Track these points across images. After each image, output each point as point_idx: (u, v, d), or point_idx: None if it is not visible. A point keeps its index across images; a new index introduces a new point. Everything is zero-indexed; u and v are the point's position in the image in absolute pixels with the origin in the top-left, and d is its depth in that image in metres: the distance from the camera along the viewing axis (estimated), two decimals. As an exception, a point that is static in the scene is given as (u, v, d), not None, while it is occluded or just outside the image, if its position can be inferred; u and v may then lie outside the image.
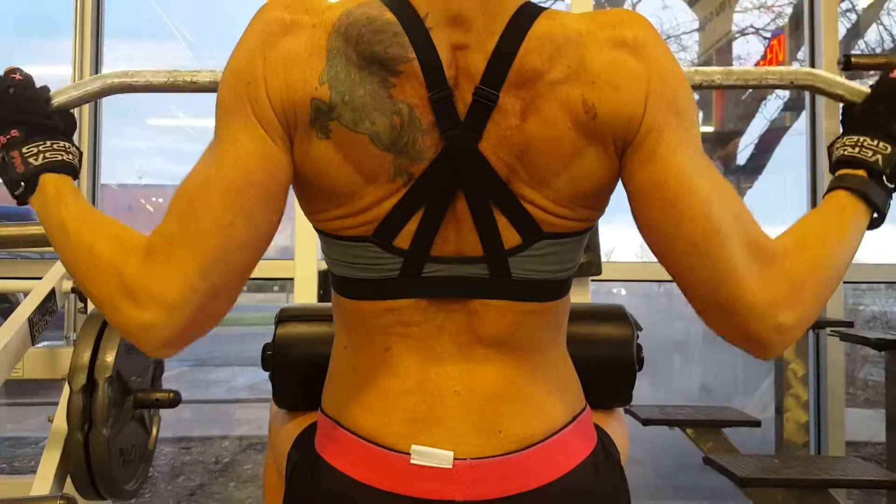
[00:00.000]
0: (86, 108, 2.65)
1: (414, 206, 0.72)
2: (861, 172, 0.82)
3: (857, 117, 0.87)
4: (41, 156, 0.79)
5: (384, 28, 0.70)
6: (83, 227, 0.75)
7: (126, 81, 0.92)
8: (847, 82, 0.91)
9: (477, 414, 0.75)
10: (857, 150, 0.82)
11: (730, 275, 0.70)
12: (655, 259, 0.76)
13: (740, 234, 0.71)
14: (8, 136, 0.80)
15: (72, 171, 0.81)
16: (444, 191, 0.72)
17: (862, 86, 0.89)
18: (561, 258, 0.76)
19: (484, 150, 0.71)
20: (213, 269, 0.68)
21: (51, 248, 0.79)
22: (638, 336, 1.07)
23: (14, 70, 0.83)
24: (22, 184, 0.79)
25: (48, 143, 0.80)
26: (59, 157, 0.80)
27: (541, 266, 0.75)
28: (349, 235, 0.74)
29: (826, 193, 0.83)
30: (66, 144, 0.82)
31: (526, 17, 0.72)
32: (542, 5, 0.76)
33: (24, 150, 0.79)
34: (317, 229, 0.78)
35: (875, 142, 0.82)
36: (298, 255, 2.36)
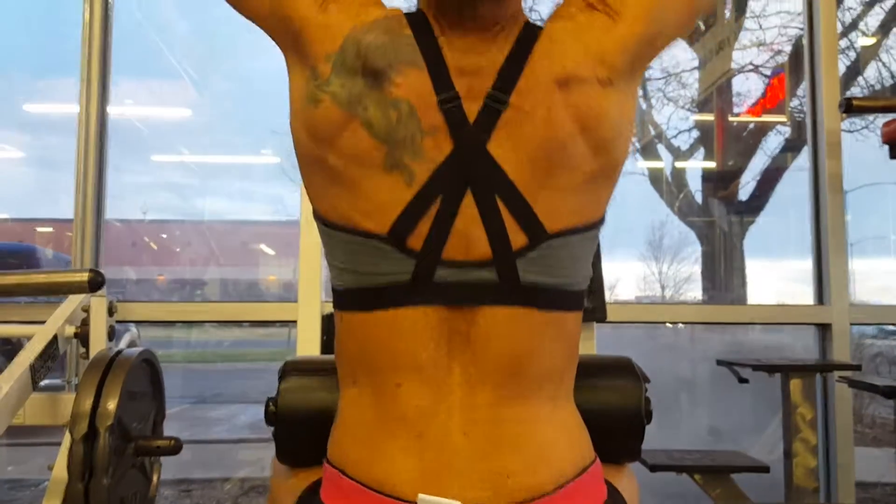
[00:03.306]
0: (91, 144, 2.68)
1: (424, 207, 0.73)
2: None
3: None
4: None
5: (399, 39, 0.75)
6: None
7: None
8: None
9: (485, 459, 0.73)
10: None
11: None
12: (658, 297, 0.76)
13: None
14: None
15: None
16: (455, 192, 0.73)
17: None
18: (568, 261, 0.77)
19: (492, 150, 0.73)
20: None
21: (54, 294, 0.77)
22: (646, 389, 1.06)
23: None
24: None
25: None
26: None
27: (548, 268, 0.75)
28: (361, 229, 0.74)
29: None
30: None
31: (532, 32, 0.78)
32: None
33: None
34: (326, 223, 0.78)
35: None
36: (302, 297, 2.36)
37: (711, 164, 6.38)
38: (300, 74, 0.78)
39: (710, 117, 6.31)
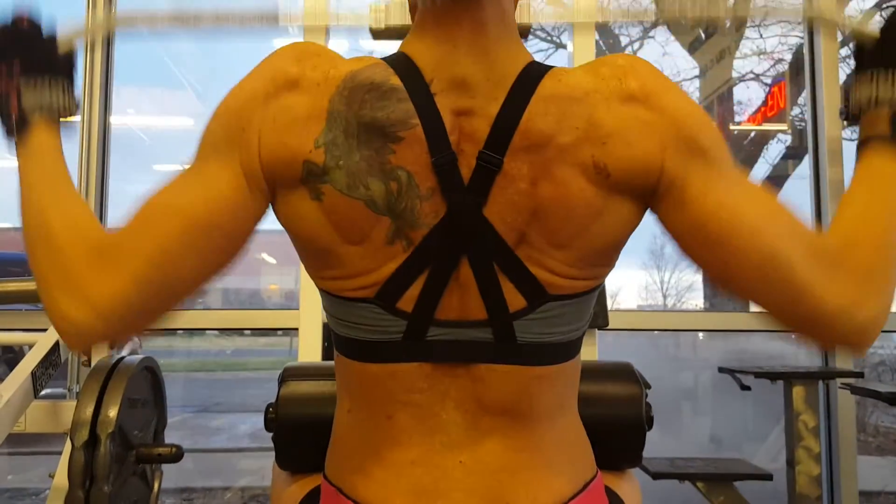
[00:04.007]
0: (93, 153, 2.68)
1: (417, 269, 0.71)
2: (884, 112, 0.78)
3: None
4: (38, 93, 0.76)
5: (389, 94, 0.70)
6: (47, 195, 0.73)
7: (128, 16, 0.91)
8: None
9: (483, 486, 0.72)
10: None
11: (799, 292, 0.69)
12: (660, 305, 0.74)
13: (799, 248, 0.69)
14: (8, 66, 0.76)
15: (67, 111, 0.78)
16: (449, 255, 0.71)
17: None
18: (569, 319, 0.74)
19: (488, 214, 0.70)
20: (153, 292, 0.68)
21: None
22: (647, 395, 1.06)
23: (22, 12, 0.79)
24: (13, 118, 0.76)
25: (47, 79, 0.77)
26: (57, 98, 0.77)
27: (547, 329, 0.73)
28: (351, 297, 0.73)
29: (858, 147, 0.80)
30: (66, 83, 0.78)
31: (530, 78, 0.71)
32: (549, 62, 0.76)
33: (22, 81, 0.76)
34: (318, 287, 0.77)
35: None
36: (303, 305, 2.36)
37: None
38: (289, 188, 0.71)
39: (711, 126, 6.29)
